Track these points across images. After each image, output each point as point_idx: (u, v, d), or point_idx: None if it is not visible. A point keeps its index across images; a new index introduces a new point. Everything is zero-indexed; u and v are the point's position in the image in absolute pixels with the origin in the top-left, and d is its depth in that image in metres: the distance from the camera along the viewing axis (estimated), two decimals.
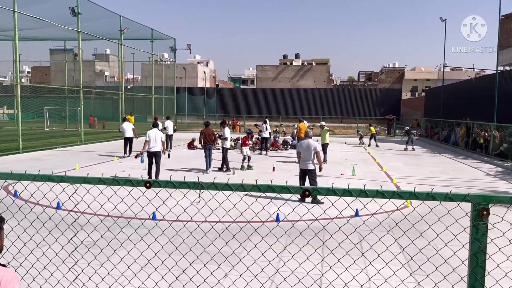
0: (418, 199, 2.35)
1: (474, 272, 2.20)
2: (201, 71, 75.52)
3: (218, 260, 4.85)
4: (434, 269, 4.11)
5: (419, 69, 73.16)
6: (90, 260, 3.85)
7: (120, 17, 27.54)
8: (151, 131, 12.37)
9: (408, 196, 2.38)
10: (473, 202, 2.19)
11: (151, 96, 34.65)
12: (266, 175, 13.78)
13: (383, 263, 4.00)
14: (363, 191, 2.43)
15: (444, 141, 26.51)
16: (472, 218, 2.18)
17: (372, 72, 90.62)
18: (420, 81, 67.56)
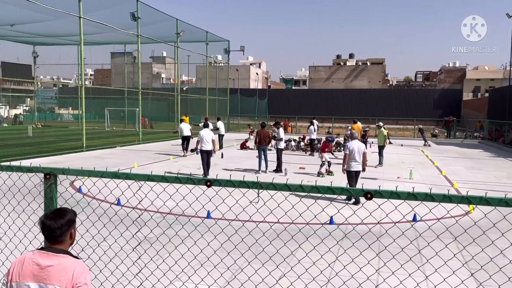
0: (471, 203, 2.24)
1: None
2: (254, 73, 76.12)
3: (275, 260, 4.86)
4: (500, 278, 3.87)
5: (482, 68, 69.17)
6: (151, 255, 3.99)
7: (177, 21, 28.38)
8: (202, 131, 13.17)
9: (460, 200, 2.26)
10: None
11: (205, 97, 35.43)
12: (318, 177, 13.64)
13: (442, 271, 3.81)
14: (429, 195, 2.34)
15: (510, 144, 24.91)
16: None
17: (431, 72, 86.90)
18: (484, 81, 63.84)
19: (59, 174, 3.00)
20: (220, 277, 3.55)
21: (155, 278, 3.50)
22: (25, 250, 3.94)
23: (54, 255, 2.19)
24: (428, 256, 5.85)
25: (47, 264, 2.16)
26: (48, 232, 2.24)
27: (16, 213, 3.72)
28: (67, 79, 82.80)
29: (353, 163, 9.96)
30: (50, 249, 2.23)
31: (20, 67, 37.31)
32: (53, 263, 2.16)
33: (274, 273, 4.46)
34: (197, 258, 3.66)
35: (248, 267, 4.93)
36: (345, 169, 10.17)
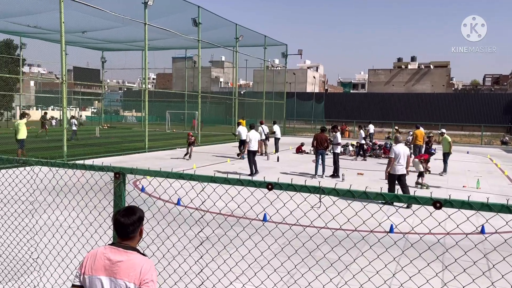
0: None
1: None
2: (311, 76, 75.61)
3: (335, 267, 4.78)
4: None
5: None
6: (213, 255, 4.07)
7: (236, 25, 28.88)
8: (250, 133, 14.48)
9: None
10: None
11: (261, 101, 35.71)
12: (379, 183, 13.24)
13: None
14: (506, 206, 2.19)
15: None
16: None
17: (501, 75, 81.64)
18: None
19: (128, 174, 3.15)
20: (279, 280, 3.54)
21: (215, 278, 3.57)
22: (95, 244, 4.17)
23: (124, 251, 2.30)
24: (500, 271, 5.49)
25: (117, 259, 2.27)
26: (121, 228, 2.35)
27: (88, 209, 3.96)
28: (131, 82, 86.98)
29: (398, 166, 10.18)
30: (120, 245, 2.33)
31: (89, 71, 39.77)
32: (123, 259, 2.26)
33: (334, 280, 4.38)
34: (257, 261, 3.68)
35: (306, 272, 4.89)
36: (388, 172, 10.29)
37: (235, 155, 19.93)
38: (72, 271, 4.28)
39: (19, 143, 14.83)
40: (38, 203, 5.01)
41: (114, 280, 2.25)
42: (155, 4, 19.76)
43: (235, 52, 30.09)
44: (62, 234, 4.11)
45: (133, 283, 2.22)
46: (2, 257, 5.02)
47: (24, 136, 14.89)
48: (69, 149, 16.82)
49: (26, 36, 32.68)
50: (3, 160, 3.53)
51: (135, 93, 71.27)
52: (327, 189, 2.77)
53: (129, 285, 2.22)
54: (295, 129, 45.43)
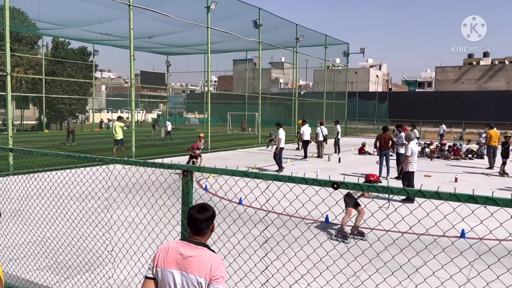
0: None
1: None
2: (373, 75, 73.54)
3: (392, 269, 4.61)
4: None
5: None
6: (277, 253, 4.10)
7: (297, 26, 28.79)
8: (280, 131, 15.34)
9: None
10: None
11: (322, 101, 35.30)
12: (448, 186, 12.59)
13: None
14: None
15: None
16: None
17: None
18: None
19: (195, 171, 3.26)
20: (345, 281, 3.48)
21: (280, 276, 3.59)
22: (164, 239, 4.35)
23: (195, 247, 2.37)
24: None
25: (188, 254, 2.34)
26: (195, 224, 2.42)
27: (158, 206, 4.14)
28: (194, 85, 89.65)
29: (414, 164, 10.56)
30: (191, 240, 2.41)
31: (155, 75, 41.57)
32: (193, 254, 2.33)
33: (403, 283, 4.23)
34: (322, 261, 3.65)
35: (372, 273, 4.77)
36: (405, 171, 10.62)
37: (295, 156, 19.88)
38: (144, 264, 4.51)
39: (119, 142, 16.86)
40: (113, 199, 5.33)
41: (185, 274, 2.31)
42: (217, 8, 20.23)
43: (295, 53, 30.00)
44: (134, 228, 4.34)
45: (204, 278, 2.28)
46: (80, 249, 5.39)
47: (121, 136, 16.86)
48: (137, 149, 17.67)
49: (98, 43, 34.86)
50: (81, 158, 3.80)
51: (197, 96, 73.47)
52: (396, 189, 2.69)
53: (200, 280, 2.28)
54: (357, 129, 44.40)
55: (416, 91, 72.24)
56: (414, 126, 19.61)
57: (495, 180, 14.23)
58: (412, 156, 10.49)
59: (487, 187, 12.47)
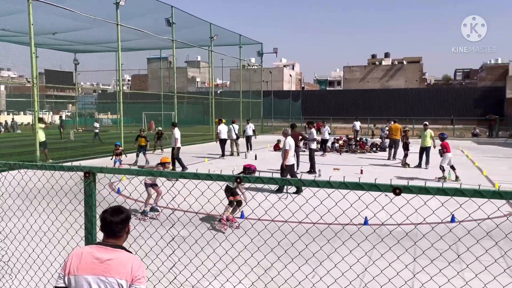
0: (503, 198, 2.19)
1: None
2: (287, 74, 76.02)
3: (308, 260, 4.86)
4: None
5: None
6: (187, 254, 4.11)
7: (211, 25, 28.81)
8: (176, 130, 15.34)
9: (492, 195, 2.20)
10: None
11: (239, 100, 35.75)
12: (354, 177, 13.46)
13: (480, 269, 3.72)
14: (459, 190, 2.30)
15: None
16: None
17: (471, 70, 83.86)
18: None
19: (98, 173, 3.16)
20: (257, 279, 3.60)
21: (188, 272, 3.61)
22: (67, 245, 4.15)
23: (111, 249, 2.30)
24: (467, 258, 5.70)
25: (106, 257, 2.27)
26: (109, 227, 2.36)
27: (59, 210, 3.93)
28: (106, 84, 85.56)
29: (292, 158, 11.39)
30: (107, 244, 2.34)
31: (62, 74, 38.99)
32: (112, 257, 2.27)
33: (307, 274, 4.48)
34: (235, 261, 3.73)
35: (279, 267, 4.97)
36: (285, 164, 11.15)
37: (212, 155, 19.94)
38: (45, 273, 4.25)
39: (42, 145, 16.09)
40: (7, 205, 4.94)
41: (103, 279, 2.23)
42: (127, 4, 19.51)
43: (210, 52, 30.02)
44: (32, 236, 4.07)
45: (125, 279, 2.23)
46: None
47: (43, 139, 16.24)
48: (42, 153, 16.48)
49: None
50: None
51: (110, 95, 70.16)
52: (293, 180, 2.86)
53: (121, 282, 2.22)
54: (273, 127, 45.62)
55: (327, 90, 76.17)
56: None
57: (396, 170, 15.52)
58: (290, 150, 11.22)
59: (388, 177, 13.57)
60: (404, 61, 71.59)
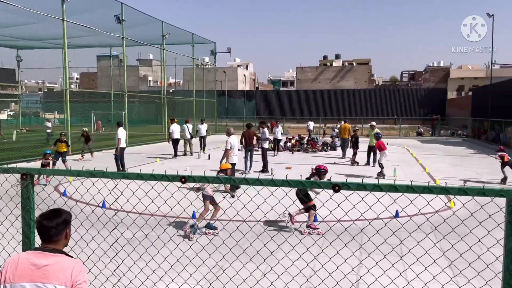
0: (450, 193, 2.32)
1: (509, 269, 2.15)
2: (241, 74, 76.22)
3: (254, 260, 4.91)
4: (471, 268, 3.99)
5: (465, 67, 70.23)
6: (131, 256, 4.04)
7: (162, 23, 28.35)
8: (119, 130, 14.28)
9: (440, 191, 2.35)
10: (508, 197, 2.12)
11: (192, 99, 35.42)
12: (305, 176, 13.74)
13: (422, 266, 3.94)
14: (393, 186, 2.42)
15: (493, 141, 25.34)
16: (507, 214, 2.13)
17: (416, 72, 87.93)
18: (467, 79, 64.77)
19: (36, 174, 3.03)
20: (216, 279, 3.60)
21: (132, 274, 3.55)
22: (3, 250, 3.95)
23: (50, 255, 2.21)
24: (409, 248, 5.99)
25: (44, 263, 2.17)
26: (44, 231, 2.25)
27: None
28: (53, 83, 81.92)
29: (234, 156, 11.34)
30: (46, 249, 2.24)
31: (3, 71, 36.87)
32: (50, 262, 2.18)
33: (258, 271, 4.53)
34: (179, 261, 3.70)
35: (236, 266, 5.00)
36: (227, 162, 10.98)
37: (165, 155, 19.65)
38: None
39: None
40: None
41: (41, 286, 2.15)
42: (75, 0, 18.81)
43: (162, 50, 29.54)
44: None
45: (64, 285, 2.15)
46: None
47: None
48: None
49: None
50: None
51: (57, 94, 67.28)
52: (238, 179, 2.89)
53: None
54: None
55: (280, 90, 77.12)
56: (276, 122, 21.06)
57: (346, 168, 16.00)
58: (232, 149, 11.27)
59: (338, 175, 13.98)
60: (354, 63, 73.89)
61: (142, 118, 48.30)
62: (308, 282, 4.98)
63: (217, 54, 38.37)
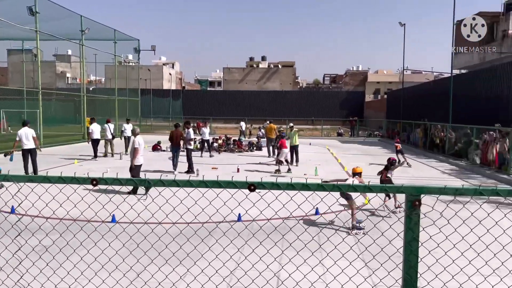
0: (357, 191, 2.47)
1: (408, 260, 2.32)
2: (167, 73, 74.69)
3: (179, 259, 4.83)
4: (375, 260, 4.27)
5: (381, 72, 75.15)
6: (42, 265, 3.77)
7: (81, 17, 26.91)
8: (21, 130, 12.91)
9: (347, 189, 2.49)
10: (407, 193, 2.30)
11: (114, 98, 34.00)
12: (230, 176, 13.81)
13: (338, 257, 4.13)
14: (305, 184, 2.52)
15: (405, 141, 27.35)
16: (406, 209, 2.30)
17: (337, 75, 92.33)
18: (383, 83, 69.38)
19: None
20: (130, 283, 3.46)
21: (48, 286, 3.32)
22: None
23: None
24: (326, 245, 6.26)
25: None
26: None
27: None
28: None
29: (141, 157, 10.94)
30: None
31: None
32: None
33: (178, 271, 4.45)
34: (91, 267, 3.53)
35: (150, 268, 4.88)
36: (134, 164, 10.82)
37: (83, 156, 18.66)
38: None
39: None
40: None
41: None
42: None
43: (82, 46, 28.02)
44: None
45: None
46: None
47: None
48: None
49: None
50: None
51: None
52: (153, 181, 2.82)
53: None
54: (153, 127, 44.41)
55: (208, 90, 76.81)
56: (205, 122, 20.98)
57: (271, 168, 16.33)
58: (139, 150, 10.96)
59: (263, 174, 14.24)
60: (279, 65, 75.75)
61: (60, 117, 45.33)
62: (232, 275, 5.01)
63: (141, 52, 37.28)
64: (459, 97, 21.80)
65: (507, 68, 19.23)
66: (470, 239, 4.81)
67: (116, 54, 32.79)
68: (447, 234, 3.72)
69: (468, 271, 4.14)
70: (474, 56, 29.62)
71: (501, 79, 19.47)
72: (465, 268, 3.65)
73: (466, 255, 4.93)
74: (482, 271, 4.42)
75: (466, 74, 27.81)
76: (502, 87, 19.17)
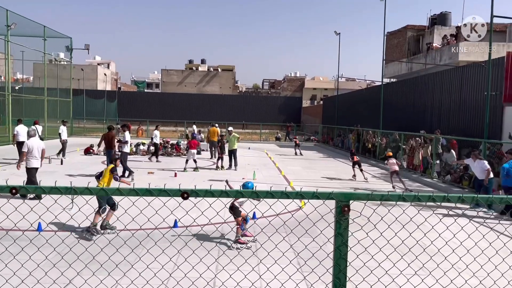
0: (289, 198, 2.51)
1: (337, 264, 2.39)
2: (102, 73, 71.84)
3: (108, 269, 4.62)
4: (307, 265, 4.39)
5: (318, 78, 77.60)
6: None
7: (7, 11, 25.15)
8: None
9: (280, 195, 2.52)
10: (336, 199, 2.38)
11: (43, 98, 32.08)
12: (167, 181, 13.53)
13: (272, 261, 4.18)
14: (239, 192, 2.52)
15: (339, 147, 28.44)
16: (335, 214, 2.38)
17: (276, 80, 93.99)
18: (319, 90, 71.67)
19: None
20: None
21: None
22: None
23: None
24: (260, 251, 6.31)
25: None
26: None
27: None
28: None
29: (33, 160, 10.43)
30: None
31: None
32: None
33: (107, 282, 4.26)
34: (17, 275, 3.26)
35: (77, 278, 4.63)
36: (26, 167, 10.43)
37: (8, 160, 17.39)
38: None
39: None
40: None
41: None
42: None
43: (7, 42, 26.15)
44: None
45: None
46: None
47: None
48: None
49: None
50: None
51: None
52: (79, 189, 2.68)
53: None
54: (86, 129, 42.44)
55: (145, 91, 74.86)
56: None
57: (210, 173, 16.20)
58: (30, 153, 10.39)
59: (201, 179, 14.10)
60: (219, 69, 75.68)
61: None
62: (165, 285, 4.89)
63: (74, 51, 35.51)
64: (389, 104, 23.09)
65: (429, 79, 20.72)
66: (395, 242, 5.08)
67: (46, 52, 30.98)
68: (374, 238, 3.89)
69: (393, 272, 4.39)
70: (403, 66, 31.52)
71: (424, 89, 20.92)
72: (390, 270, 3.84)
73: (391, 258, 5.21)
74: (406, 272, 4.69)
75: (395, 83, 29.54)
76: (426, 96, 20.61)
